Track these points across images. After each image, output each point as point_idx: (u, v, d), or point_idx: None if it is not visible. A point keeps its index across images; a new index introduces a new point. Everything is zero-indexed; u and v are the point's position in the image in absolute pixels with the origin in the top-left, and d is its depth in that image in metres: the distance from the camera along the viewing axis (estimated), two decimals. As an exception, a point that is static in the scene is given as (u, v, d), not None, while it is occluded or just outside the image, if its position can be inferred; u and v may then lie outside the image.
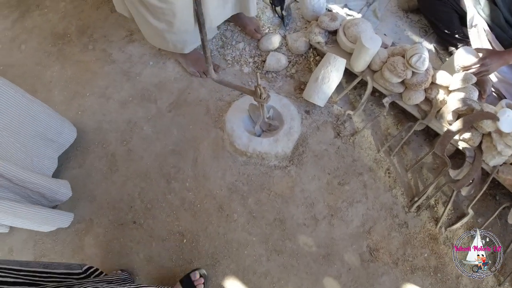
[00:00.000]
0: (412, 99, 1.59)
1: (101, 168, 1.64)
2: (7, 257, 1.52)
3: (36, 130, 1.42)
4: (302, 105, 1.74)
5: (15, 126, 1.32)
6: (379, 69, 1.63)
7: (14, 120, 1.31)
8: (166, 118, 1.72)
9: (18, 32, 2.03)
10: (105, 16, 2.01)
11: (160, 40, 1.64)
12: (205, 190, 1.58)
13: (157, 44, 1.70)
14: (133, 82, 1.81)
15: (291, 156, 1.64)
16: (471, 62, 1.52)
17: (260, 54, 1.85)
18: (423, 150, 1.68)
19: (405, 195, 1.61)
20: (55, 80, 1.85)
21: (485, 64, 1.50)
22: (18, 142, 1.35)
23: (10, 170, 1.24)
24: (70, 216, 1.51)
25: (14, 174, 1.26)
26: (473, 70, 1.52)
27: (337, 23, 1.69)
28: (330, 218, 1.55)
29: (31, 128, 1.40)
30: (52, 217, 1.41)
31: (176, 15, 1.43)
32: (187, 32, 1.57)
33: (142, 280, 1.46)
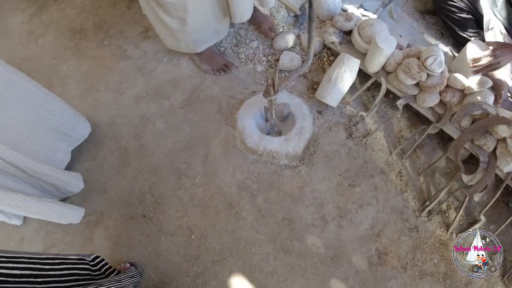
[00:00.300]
0: (427, 102, 1.57)
1: (113, 162, 1.66)
2: (18, 246, 1.55)
3: (50, 124, 1.45)
4: (315, 105, 1.73)
5: (30, 119, 1.34)
6: (393, 70, 1.62)
7: (29, 113, 1.33)
8: (178, 115, 1.74)
9: (35, 26, 2.07)
10: (122, 13, 2.04)
11: (172, 40, 1.65)
12: (214, 187, 1.59)
13: (170, 44, 1.71)
14: (147, 78, 1.83)
15: (302, 156, 1.63)
16: (481, 54, 1.49)
17: (273, 53, 1.85)
18: (436, 154, 1.65)
19: (416, 199, 1.59)
20: (71, 74, 1.88)
21: (496, 56, 1.45)
22: (33, 134, 1.38)
23: (25, 162, 1.27)
24: (81, 212, 1.53)
25: (28, 165, 1.28)
26: (484, 62, 1.47)
27: (352, 23, 1.67)
28: (339, 219, 1.54)
29: (46, 122, 1.43)
30: (63, 212, 1.43)
31: (188, 12, 1.43)
32: (199, 31, 1.57)
33: (149, 274, 1.47)
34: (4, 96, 1.22)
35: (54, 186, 1.45)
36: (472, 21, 1.71)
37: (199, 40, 1.64)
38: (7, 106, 1.24)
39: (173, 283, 1.46)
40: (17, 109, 1.28)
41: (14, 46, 2.03)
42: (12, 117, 1.26)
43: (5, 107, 1.23)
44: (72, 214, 1.48)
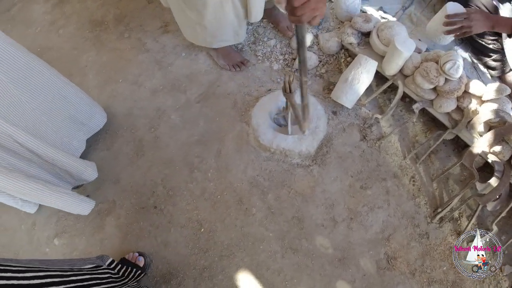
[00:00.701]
0: (444, 107, 1.55)
1: (127, 152, 1.68)
2: (30, 230, 1.58)
3: (68, 112, 1.48)
4: (330, 106, 1.73)
5: (49, 107, 1.37)
6: (411, 74, 1.60)
7: (48, 100, 1.36)
8: (194, 109, 1.75)
9: (57, 17, 2.12)
10: (142, 6, 2.07)
11: (191, 32, 1.67)
12: (226, 182, 1.60)
13: (189, 36, 1.72)
14: (165, 72, 1.85)
15: (315, 156, 1.63)
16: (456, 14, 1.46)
17: (291, 52, 1.85)
18: (451, 161, 1.63)
19: (428, 205, 1.57)
20: (90, 65, 1.92)
21: (470, 19, 1.43)
22: (51, 121, 1.40)
23: (42, 147, 1.29)
24: (92, 204, 1.55)
25: (45, 151, 1.31)
26: (457, 25, 1.45)
27: (371, 24, 1.67)
28: (349, 221, 1.54)
29: (64, 110, 1.45)
30: (74, 203, 1.45)
31: (207, 7, 1.44)
32: (218, 28, 1.58)
33: (157, 264, 1.49)
34: (24, 82, 1.25)
35: (68, 173, 1.47)
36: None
37: (216, 36, 1.65)
38: (27, 92, 1.27)
39: (180, 274, 1.47)
40: (36, 95, 1.31)
41: (35, 35, 2.08)
42: (31, 103, 1.29)
43: (25, 93, 1.26)
44: (83, 206, 1.50)
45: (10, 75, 1.19)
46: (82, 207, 1.49)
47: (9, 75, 1.19)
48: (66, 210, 1.46)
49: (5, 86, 1.18)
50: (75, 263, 1.07)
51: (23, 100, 1.26)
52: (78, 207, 1.47)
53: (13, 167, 1.26)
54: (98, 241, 1.55)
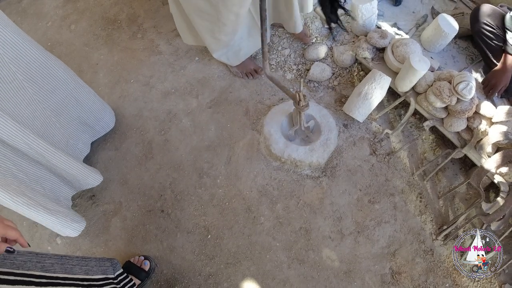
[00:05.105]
0: (454, 126, 1.57)
1: (136, 154, 1.67)
2: (32, 228, 1.56)
3: (77, 114, 1.46)
4: (341, 118, 1.74)
5: (59, 107, 1.35)
6: (423, 91, 1.62)
7: (60, 101, 1.35)
8: (205, 114, 1.75)
9: (70, 12, 2.10)
10: (157, 8, 2.06)
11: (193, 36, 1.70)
12: (235, 190, 1.59)
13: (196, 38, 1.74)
14: (177, 75, 1.85)
15: (325, 168, 1.63)
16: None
17: (304, 63, 1.86)
18: (458, 179, 1.65)
19: (434, 222, 1.59)
20: (102, 63, 1.90)
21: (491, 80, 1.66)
22: (59, 122, 1.38)
23: (49, 150, 1.25)
24: (82, 225, 1.46)
25: (51, 153, 1.27)
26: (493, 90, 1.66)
27: (386, 40, 1.68)
28: (356, 234, 1.54)
29: (73, 111, 1.43)
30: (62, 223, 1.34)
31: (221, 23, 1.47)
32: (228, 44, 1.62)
33: (162, 269, 1.48)
34: (40, 82, 1.23)
35: (74, 177, 1.44)
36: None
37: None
38: (41, 92, 1.25)
39: (184, 280, 1.47)
40: (50, 96, 1.29)
41: (46, 29, 2.06)
42: (43, 103, 1.27)
43: (38, 92, 1.24)
44: (74, 227, 1.40)
45: (26, 73, 1.17)
46: (72, 228, 1.39)
47: (26, 74, 1.17)
48: (54, 230, 1.36)
49: (20, 84, 1.17)
50: (88, 263, 1.06)
51: (36, 99, 1.24)
52: (67, 229, 1.37)
53: (19, 168, 1.22)
54: (102, 242, 1.53)
